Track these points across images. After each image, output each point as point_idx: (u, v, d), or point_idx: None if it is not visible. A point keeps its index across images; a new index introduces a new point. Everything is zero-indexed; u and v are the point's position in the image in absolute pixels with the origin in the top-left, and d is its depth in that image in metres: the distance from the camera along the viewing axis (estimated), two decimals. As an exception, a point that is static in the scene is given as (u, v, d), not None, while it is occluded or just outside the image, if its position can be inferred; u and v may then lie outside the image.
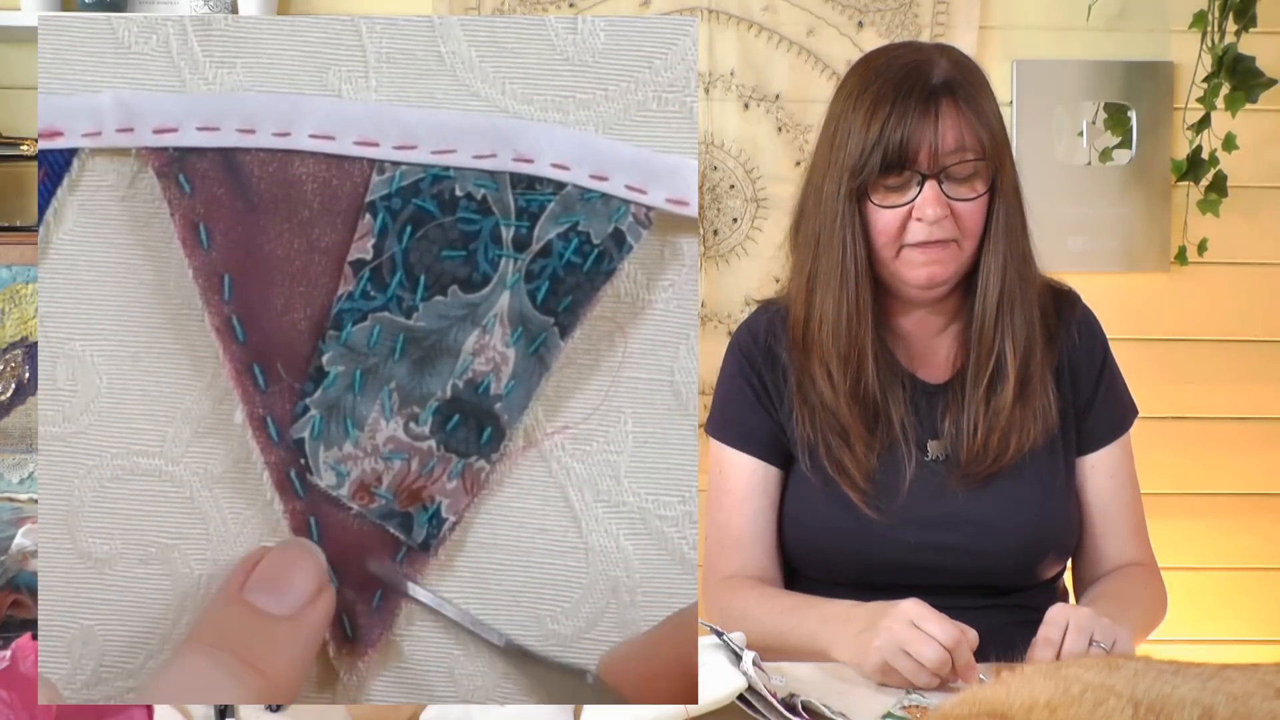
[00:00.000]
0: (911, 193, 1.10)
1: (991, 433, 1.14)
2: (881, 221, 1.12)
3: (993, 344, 1.14)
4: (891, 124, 1.08)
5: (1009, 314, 1.14)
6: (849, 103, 1.13)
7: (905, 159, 1.09)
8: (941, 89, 1.10)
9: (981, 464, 1.15)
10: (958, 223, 1.11)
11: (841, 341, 1.13)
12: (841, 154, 1.12)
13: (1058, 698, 0.63)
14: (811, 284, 1.16)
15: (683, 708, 0.82)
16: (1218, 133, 1.95)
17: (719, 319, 2.07)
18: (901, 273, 1.13)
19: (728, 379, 1.24)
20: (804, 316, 1.17)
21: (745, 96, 2.04)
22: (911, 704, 0.90)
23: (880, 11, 2.03)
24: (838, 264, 1.13)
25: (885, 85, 1.10)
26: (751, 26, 2.03)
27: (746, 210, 2.06)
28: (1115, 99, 2.05)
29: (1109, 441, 1.21)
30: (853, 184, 1.11)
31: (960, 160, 1.10)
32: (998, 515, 1.14)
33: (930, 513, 1.14)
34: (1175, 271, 2.06)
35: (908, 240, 1.11)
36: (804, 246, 1.18)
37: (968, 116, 1.10)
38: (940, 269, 1.12)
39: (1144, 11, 2.05)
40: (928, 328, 1.20)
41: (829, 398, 1.14)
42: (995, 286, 1.14)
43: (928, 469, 1.16)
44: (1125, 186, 2.06)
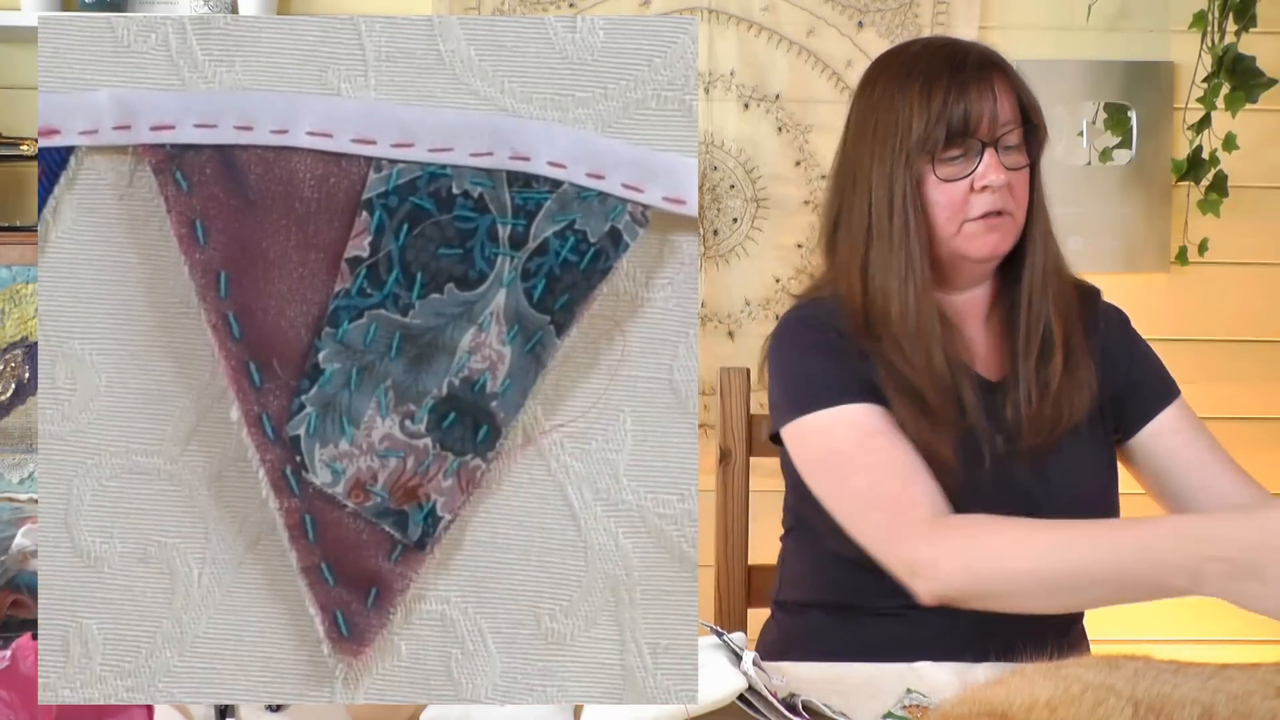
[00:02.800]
0: (972, 164, 1.13)
1: (1044, 401, 1.14)
2: (945, 197, 1.13)
3: (1041, 313, 1.16)
4: (953, 95, 1.11)
5: (1054, 284, 1.17)
6: (893, 89, 1.15)
7: (968, 128, 1.11)
8: (988, 64, 1.14)
9: (1039, 434, 1.14)
10: (1011, 193, 1.14)
11: (910, 321, 1.13)
12: (894, 137, 1.13)
13: (1058, 697, 0.63)
14: (867, 270, 1.15)
15: (682, 707, 0.81)
16: (1218, 133, 1.95)
17: (719, 319, 2.07)
18: (963, 248, 1.14)
19: (800, 356, 1.17)
20: (863, 302, 1.15)
21: (745, 96, 2.04)
22: (912, 704, 0.90)
23: (880, 11, 2.03)
24: (900, 244, 1.13)
25: (935, 63, 1.13)
26: (751, 26, 2.03)
27: (746, 210, 2.06)
28: (1115, 99, 2.05)
29: (1158, 410, 1.21)
30: (914, 162, 1.12)
31: (1012, 129, 1.14)
32: (1060, 497, 1.13)
33: (1002, 501, 1.12)
34: (1175, 271, 2.06)
35: (971, 213, 1.13)
36: (851, 238, 1.17)
37: (1018, 86, 1.15)
38: (1000, 238, 1.14)
39: (1144, 11, 2.05)
40: (975, 314, 1.21)
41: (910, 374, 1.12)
42: (1041, 256, 1.17)
43: (999, 460, 1.14)
44: (1125, 186, 2.06)
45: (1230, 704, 0.64)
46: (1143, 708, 0.63)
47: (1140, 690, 0.65)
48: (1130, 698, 0.63)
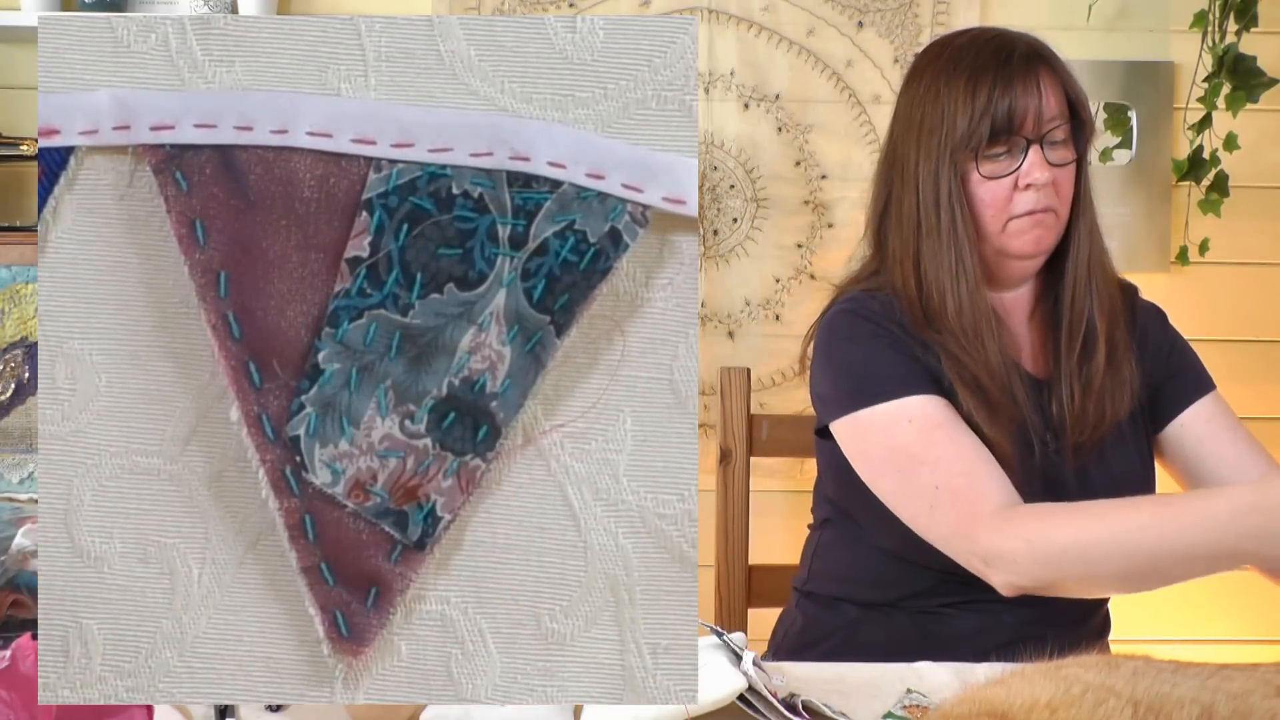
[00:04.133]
0: (1017, 161, 1.11)
1: (1087, 398, 1.14)
2: (989, 194, 1.12)
3: (1084, 310, 1.16)
4: (998, 91, 1.10)
5: (1098, 280, 1.16)
6: (939, 82, 1.13)
7: (1013, 125, 1.10)
8: (1035, 56, 1.12)
9: (1082, 433, 1.14)
10: (1056, 190, 1.13)
11: (965, 313, 1.12)
12: (939, 132, 1.12)
13: (1058, 698, 0.63)
14: (919, 264, 1.14)
15: (682, 707, 0.81)
16: (1219, 132, 1.95)
17: (719, 319, 2.07)
18: (1009, 245, 1.14)
19: (858, 348, 1.14)
20: (918, 297, 1.15)
21: (745, 96, 2.04)
22: (912, 703, 0.90)
23: (880, 11, 2.03)
24: (950, 239, 1.12)
25: (981, 57, 1.12)
26: (751, 26, 2.03)
27: (746, 210, 2.06)
28: (1115, 99, 2.05)
29: (1191, 401, 1.20)
30: (958, 158, 1.11)
31: (1059, 125, 1.12)
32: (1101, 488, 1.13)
33: (1047, 495, 1.12)
34: (1176, 271, 2.06)
35: (1015, 210, 1.12)
36: (901, 232, 1.16)
37: (1065, 80, 1.13)
38: (1045, 233, 1.13)
39: (1144, 11, 2.05)
40: (1020, 313, 1.20)
41: (974, 366, 1.11)
42: (1085, 252, 1.16)
43: (1048, 457, 1.14)
44: (1125, 186, 2.05)
45: (1230, 703, 0.64)
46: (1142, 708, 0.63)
47: (1140, 690, 0.65)
48: (1130, 698, 0.63)
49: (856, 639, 1.18)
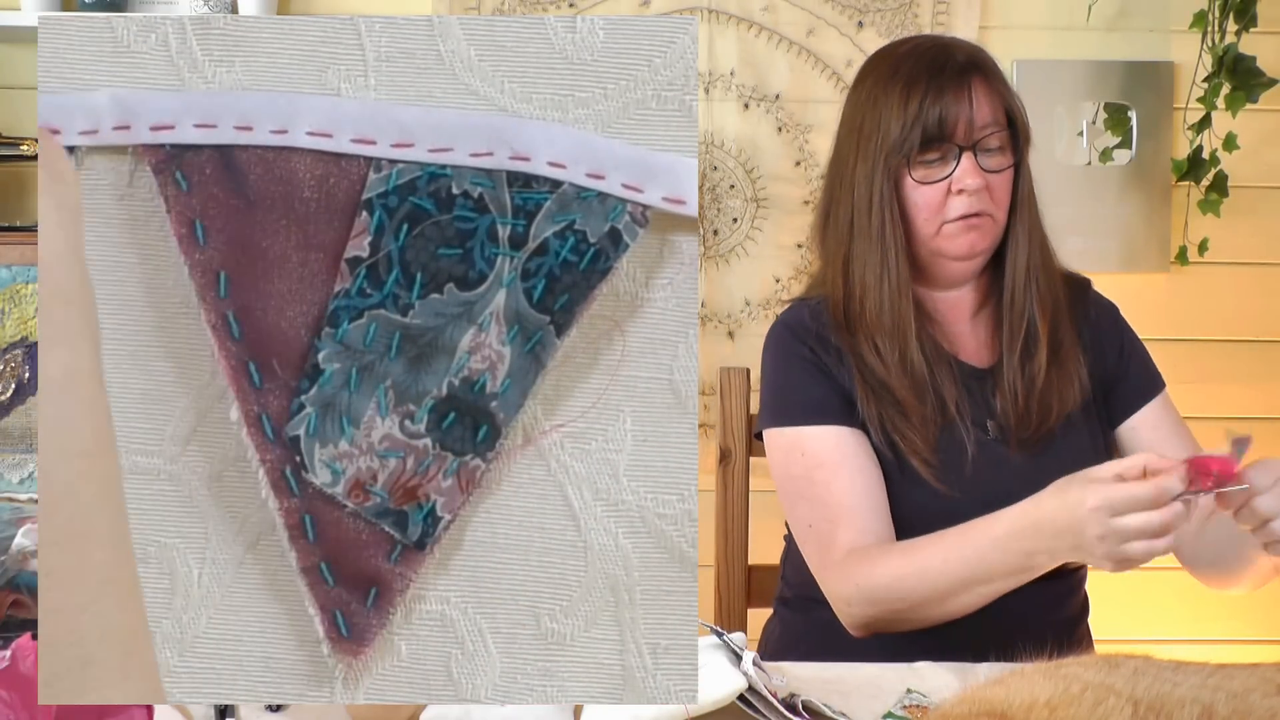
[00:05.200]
0: (949, 167, 1.14)
1: (1030, 396, 1.17)
2: (923, 199, 1.15)
3: (1024, 310, 1.19)
4: (929, 100, 1.13)
5: (1037, 280, 1.19)
6: (878, 89, 1.17)
7: (944, 133, 1.13)
8: (970, 66, 1.15)
9: (1027, 429, 1.17)
10: (991, 195, 1.16)
11: (885, 317, 1.16)
12: (875, 138, 1.16)
13: (1058, 697, 0.63)
14: (849, 266, 1.18)
15: (682, 707, 0.81)
16: (1218, 132, 1.95)
17: (719, 319, 2.07)
18: (943, 247, 1.17)
19: (779, 366, 1.22)
20: (844, 297, 1.19)
21: (745, 96, 2.04)
22: (912, 704, 0.90)
23: (880, 11, 2.03)
24: (876, 242, 1.16)
25: (917, 66, 1.15)
26: (751, 26, 2.03)
27: (746, 210, 2.06)
28: (1115, 99, 2.05)
29: (1141, 404, 1.23)
30: (892, 163, 1.15)
31: (993, 132, 1.15)
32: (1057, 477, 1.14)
33: (995, 489, 1.14)
34: (1175, 271, 2.06)
35: (949, 215, 1.15)
36: (837, 234, 1.20)
37: (998, 89, 1.16)
38: (979, 236, 1.16)
39: (1144, 11, 2.05)
40: (961, 311, 1.23)
41: (881, 371, 1.16)
42: (1024, 254, 1.19)
43: (989, 447, 1.17)
44: (1125, 186, 2.05)
45: (1230, 703, 0.64)
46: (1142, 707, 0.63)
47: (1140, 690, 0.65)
48: (1130, 697, 0.63)
49: (831, 641, 1.19)
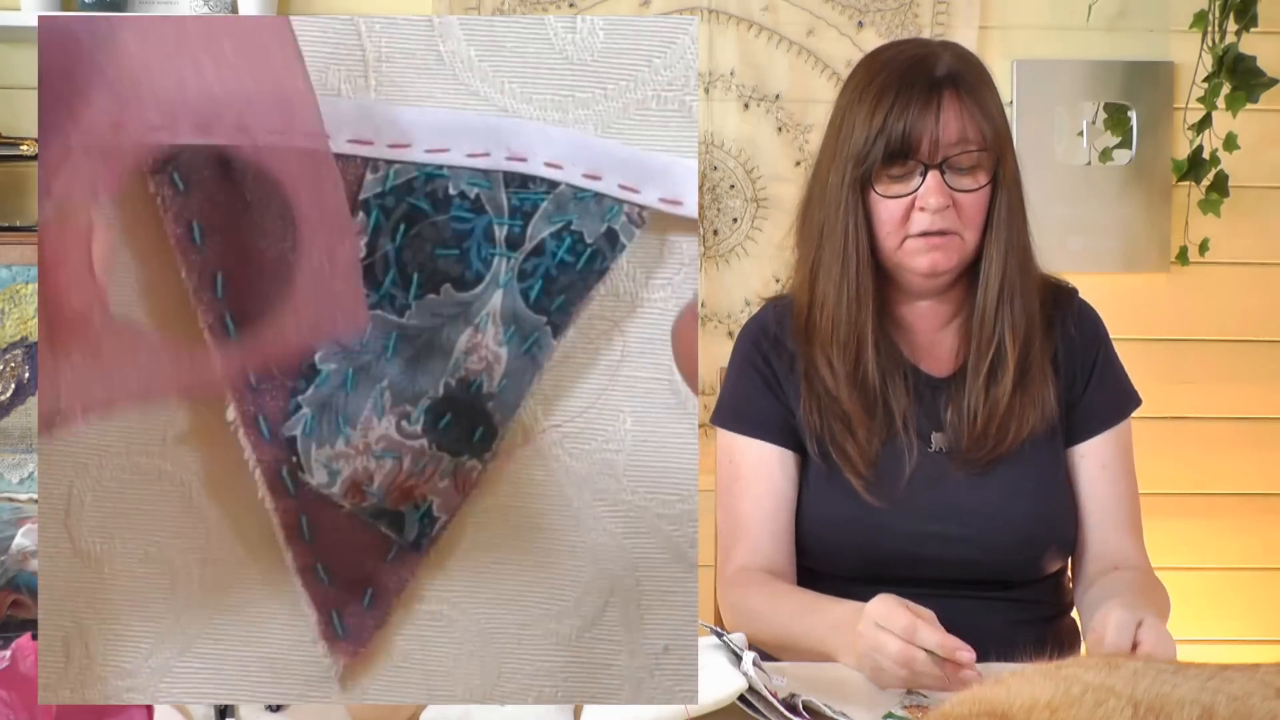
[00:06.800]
0: (914, 183, 1.13)
1: (991, 420, 1.16)
2: (885, 211, 1.14)
3: (993, 332, 1.17)
4: (894, 114, 1.11)
5: (1009, 303, 1.17)
6: (854, 96, 1.16)
7: (908, 149, 1.11)
8: (944, 81, 1.13)
9: (981, 450, 1.16)
10: (960, 214, 1.13)
11: (841, 328, 1.16)
12: (846, 145, 1.15)
13: (1058, 698, 0.63)
14: (814, 272, 1.18)
15: (682, 707, 0.81)
16: (1218, 132, 1.95)
17: (719, 319, 2.07)
18: (905, 261, 1.16)
19: (736, 369, 1.26)
20: (806, 304, 1.19)
21: (745, 96, 2.04)
22: (912, 703, 0.90)
23: (880, 11, 2.03)
24: (839, 251, 1.15)
25: (889, 78, 1.13)
26: (751, 26, 2.03)
27: (746, 210, 2.06)
28: (1115, 99, 2.05)
29: (1099, 431, 1.21)
30: (856, 173, 1.13)
31: (962, 151, 1.12)
32: (998, 505, 1.15)
33: (931, 503, 1.15)
34: (1175, 271, 2.06)
35: (911, 230, 1.14)
36: (808, 237, 1.20)
37: (970, 108, 1.13)
38: (943, 256, 1.14)
39: (1144, 11, 2.05)
40: (932, 320, 1.22)
41: (830, 384, 1.16)
42: (996, 276, 1.16)
43: (930, 459, 1.16)
44: (1125, 186, 2.05)
45: (1230, 705, 0.64)
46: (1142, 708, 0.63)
47: (1140, 691, 0.64)
48: (1130, 698, 0.63)
49: None
